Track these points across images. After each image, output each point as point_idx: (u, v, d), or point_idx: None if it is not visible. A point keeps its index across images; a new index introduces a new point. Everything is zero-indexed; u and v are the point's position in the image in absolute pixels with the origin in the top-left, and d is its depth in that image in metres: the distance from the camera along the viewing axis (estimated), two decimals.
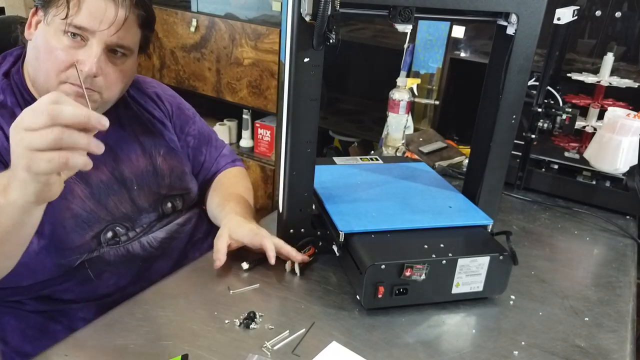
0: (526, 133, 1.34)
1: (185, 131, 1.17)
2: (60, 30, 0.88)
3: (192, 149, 1.18)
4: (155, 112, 1.11)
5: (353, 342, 0.80)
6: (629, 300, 0.98)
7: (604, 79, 1.41)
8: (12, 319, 0.96)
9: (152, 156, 1.07)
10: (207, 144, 1.22)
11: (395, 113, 1.59)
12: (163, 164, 1.08)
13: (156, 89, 1.16)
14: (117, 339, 0.77)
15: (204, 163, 1.20)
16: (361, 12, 0.84)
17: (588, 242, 1.19)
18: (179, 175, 1.10)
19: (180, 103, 1.20)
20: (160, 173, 1.07)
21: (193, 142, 1.18)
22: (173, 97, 1.19)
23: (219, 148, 1.25)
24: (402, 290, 0.85)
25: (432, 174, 1.19)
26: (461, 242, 0.91)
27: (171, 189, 1.08)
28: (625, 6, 1.65)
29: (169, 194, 1.08)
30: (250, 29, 2.26)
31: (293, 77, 0.84)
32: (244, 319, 0.82)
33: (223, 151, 1.25)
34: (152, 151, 1.07)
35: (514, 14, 0.91)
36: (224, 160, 1.24)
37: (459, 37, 1.90)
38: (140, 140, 1.06)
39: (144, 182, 1.04)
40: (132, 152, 1.04)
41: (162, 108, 1.14)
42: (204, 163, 1.21)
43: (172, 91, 1.21)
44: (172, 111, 1.16)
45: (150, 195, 1.05)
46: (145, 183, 1.04)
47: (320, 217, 1.01)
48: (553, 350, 0.82)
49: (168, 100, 1.16)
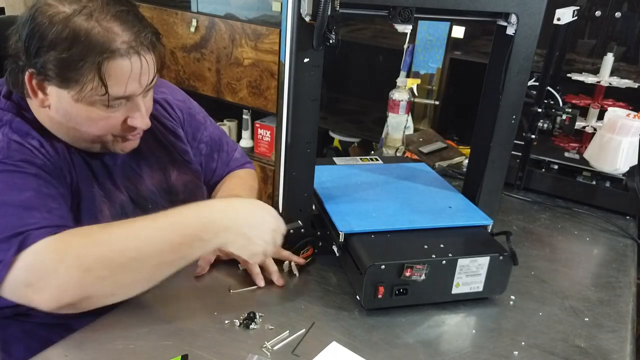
0: (526, 133, 1.34)
1: (197, 138, 1.15)
2: (98, 102, 0.85)
3: (204, 156, 1.16)
4: (168, 122, 1.09)
5: (353, 343, 0.80)
6: (629, 301, 0.98)
7: (604, 79, 1.41)
8: (17, 330, 0.94)
9: (167, 172, 1.05)
10: (219, 150, 1.20)
11: (395, 113, 1.59)
12: (177, 179, 1.07)
13: (166, 94, 1.13)
14: (117, 339, 0.77)
15: (215, 170, 1.19)
16: (361, 12, 0.84)
17: (588, 242, 1.19)
18: (192, 190, 1.09)
19: (190, 108, 1.17)
20: (174, 190, 1.06)
21: (205, 149, 1.17)
22: (183, 102, 1.16)
23: (230, 152, 1.23)
24: (402, 290, 0.85)
25: (432, 174, 1.19)
26: (461, 243, 0.91)
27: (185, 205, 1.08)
28: (625, 6, 1.65)
29: None
30: (250, 29, 2.26)
31: (293, 77, 0.84)
32: (244, 319, 0.82)
33: (235, 155, 1.23)
34: (167, 167, 1.06)
35: (514, 14, 0.91)
36: (234, 164, 1.23)
37: (458, 38, 1.90)
38: (155, 155, 1.04)
39: (158, 200, 1.03)
40: (146, 169, 1.03)
41: (173, 116, 1.11)
42: (216, 170, 1.19)
43: (181, 94, 1.18)
44: (184, 118, 1.13)
45: None
46: (160, 202, 1.03)
47: (320, 217, 1.01)
48: (553, 351, 0.82)
49: (179, 107, 1.13)
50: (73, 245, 0.76)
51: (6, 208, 0.78)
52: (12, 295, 0.77)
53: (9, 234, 0.75)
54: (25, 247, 0.75)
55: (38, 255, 0.75)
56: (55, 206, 0.82)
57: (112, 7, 0.84)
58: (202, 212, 0.82)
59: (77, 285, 0.75)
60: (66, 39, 0.80)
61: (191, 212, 0.82)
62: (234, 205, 0.85)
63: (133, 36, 0.84)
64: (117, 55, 0.82)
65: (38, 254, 0.75)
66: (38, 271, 0.75)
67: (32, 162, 0.84)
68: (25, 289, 0.76)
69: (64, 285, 0.75)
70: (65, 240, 0.77)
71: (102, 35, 0.81)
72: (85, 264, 0.75)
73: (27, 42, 0.82)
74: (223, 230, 0.81)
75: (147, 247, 0.78)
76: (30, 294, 0.76)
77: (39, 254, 0.75)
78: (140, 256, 0.77)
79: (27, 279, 0.75)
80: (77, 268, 0.75)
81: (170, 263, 0.79)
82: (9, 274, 0.74)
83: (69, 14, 0.81)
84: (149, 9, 2.49)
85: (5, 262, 0.74)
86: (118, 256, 0.77)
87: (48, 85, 0.84)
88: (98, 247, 0.77)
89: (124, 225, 0.80)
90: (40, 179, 0.83)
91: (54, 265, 0.75)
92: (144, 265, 0.78)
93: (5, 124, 0.86)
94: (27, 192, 0.80)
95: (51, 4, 0.82)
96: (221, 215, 0.82)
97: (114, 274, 0.77)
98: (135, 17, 0.86)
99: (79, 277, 0.75)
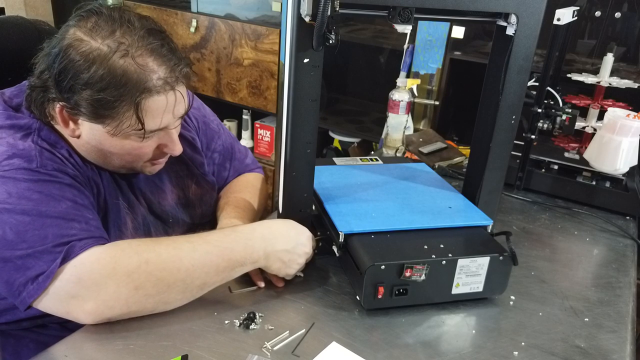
0: (526, 133, 1.34)
1: (211, 148, 1.15)
2: (133, 135, 0.86)
3: (217, 165, 1.16)
4: (186, 134, 1.07)
5: (353, 343, 0.80)
6: (629, 301, 0.98)
7: (603, 80, 1.41)
8: (32, 342, 0.93)
9: (185, 186, 1.06)
10: (231, 159, 1.20)
11: (395, 113, 1.59)
12: (195, 193, 1.07)
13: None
14: (117, 339, 0.77)
15: (227, 179, 1.19)
16: (361, 12, 0.84)
17: (588, 242, 1.19)
18: (209, 202, 1.10)
19: (205, 116, 1.16)
20: (192, 204, 1.07)
21: (218, 158, 1.17)
22: (198, 110, 1.15)
23: (242, 159, 1.23)
24: (402, 290, 0.85)
25: (432, 174, 1.19)
26: (461, 243, 0.91)
27: (203, 217, 1.09)
28: (625, 7, 1.66)
29: (200, 222, 1.08)
30: (250, 30, 2.26)
31: (293, 77, 0.84)
32: (244, 319, 0.82)
33: (246, 161, 1.23)
34: (185, 181, 1.06)
35: (514, 14, 0.91)
36: (244, 170, 1.23)
37: (458, 38, 1.90)
38: (174, 170, 1.04)
39: (178, 214, 1.04)
40: (167, 184, 1.03)
41: (190, 125, 1.10)
42: (227, 179, 1.19)
43: (196, 100, 1.15)
44: (199, 127, 1.13)
45: (183, 227, 1.05)
46: (179, 215, 1.04)
47: (320, 217, 1.01)
48: (553, 351, 0.82)
49: (194, 115, 1.13)
50: (123, 261, 0.77)
51: (45, 219, 0.77)
52: (53, 306, 0.77)
53: (52, 244, 0.75)
54: (70, 258, 0.75)
55: (86, 268, 0.75)
56: (91, 217, 0.82)
57: (147, 41, 0.82)
58: (247, 239, 0.85)
59: (123, 301, 0.77)
60: (102, 79, 0.79)
61: (237, 237, 0.85)
62: (273, 231, 0.88)
63: (169, 71, 0.83)
64: (153, 93, 0.82)
65: (86, 266, 0.75)
66: (86, 284, 0.75)
67: (65, 172, 0.83)
68: (70, 300, 0.76)
69: (111, 300, 0.76)
70: (115, 255, 0.77)
71: (139, 74, 0.80)
72: (135, 281, 0.77)
73: (59, 77, 0.81)
74: (263, 258, 0.86)
75: (195, 270, 0.80)
76: (74, 306, 0.76)
77: (87, 266, 0.75)
78: (189, 277, 0.80)
79: (73, 290, 0.75)
80: (126, 285, 0.76)
81: (212, 284, 0.84)
82: (52, 285, 0.74)
83: (105, 52, 0.79)
84: (149, 9, 2.50)
85: (48, 272, 0.74)
86: (168, 276, 0.78)
87: (80, 118, 0.84)
88: (148, 266, 0.77)
89: (171, 245, 0.81)
90: (75, 189, 0.83)
91: (104, 280, 0.75)
92: (190, 286, 0.81)
93: (34, 132, 0.85)
94: (65, 202, 0.80)
95: (83, 39, 0.80)
96: (262, 242, 0.86)
97: (160, 292, 0.79)
98: (169, 50, 0.85)
99: (128, 293, 0.77)
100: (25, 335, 0.93)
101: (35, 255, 0.75)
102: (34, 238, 0.75)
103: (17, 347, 0.93)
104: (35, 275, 0.74)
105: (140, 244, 0.80)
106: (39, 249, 0.75)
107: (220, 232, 0.87)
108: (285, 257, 0.87)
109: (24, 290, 0.75)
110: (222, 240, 0.84)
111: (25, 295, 0.75)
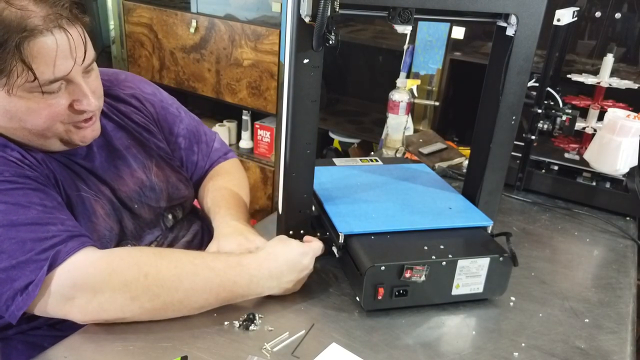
0: (526, 134, 1.34)
1: (174, 133, 1.12)
2: (32, 91, 0.78)
3: (184, 150, 1.14)
4: (139, 119, 1.05)
5: (353, 344, 0.80)
6: (629, 302, 0.98)
7: (603, 80, 1.41)
8: (20, 343, 0.91)
9: (146, 170, 1.03)
10: (198, 141, 1.17)
11: (395, 114, 1.59)
12: (158, 176, 1.04)
13: (133, 90, 1.08)
14: (116, 340, 0.77)
15: (197, 162, 1.16)
16: (361, 13, 0.84)
17: (588, 243, 1.19)
18: (175, 184, 1.07)
19: (162, 100, 1.12)
20: (158, 187, 1.03)
21: (184, 142, 1.13)
22: (153, 95, 1.11)
23: (210, 142, 1.19)
24: (402, 291, 0.85)
25: (432, 175, 1.19)
26: (461, 244, 0.91)
27: (170, 200, 1.06)
28: (625, 7, 1.65)
29: (169, 205, 1.06)
30: (249, 30, 2.26)
31: (293, 78, 0.83)
32: (244, 320, 0.82)
33: (214, 145, 1.20)
34: (145, 164, 1.03)
35: (514, 15, 0.91)
36: (216, 155, 1.20)
37: (458, 38, 1.90)
38: (132, 154, 1.01)
39: (143, 199, 1.01)
40: (125, 170, 0.99)
41: (144, 112, 1.07)
42: (198, 162, 1.16)
43: (150, 86, 1.12)
44: (156, 113, 1.09)
45: (150, 211, 1.02)
46: (144, 200, 1.01)
47: (319, 218, 1.01)
48: (553, 352, 0.82)
49: (149, 101, 1.09)
50: (121, 271, 0.76)
51: (18, 227, 0.75)
52: (47, 309, 0.76)
53: (34, 252, 0.74)
54: (58, 264, 0.74)
55: (81, 272, 0.75)
56: (65, 217, 0.81)
57: None
58: (252, 275, 0.84)
59: (118, 309, 0.77)
60: None
61: (242, 272, 0.84)
62: (279, 265, 0.86)
63: (50, 9, 0.77)
64: (36, 34, 0.75)
65: (80, 270, 0.75)
66: (82, 287, 0.75)
67: (26, 176, 0.80)
68: (65, 303, 0.75)
69: (107, 305, 0.76)
70: (112, 262, 0.77)
71: (16, 15, 0.74)
72: (132, 292, 0.76)
73: None
74: (268, 290, 0.86)
75: (195, 293, 0.80)
76: (69, 308, 0.76)
77: (82, 271, 0.75)
78: (187, 299, 0.80)
79: (69, 293, 0.75)
80: (123, 293, 0.76)
81: (210, 307, 0.83)
82: (45, 291, 0.74)
83: None
84: (149, 9, 2.50)
85: (37, 281, 0.73)
86: (165, 294, 0.78)
87: None
88: (147, 280, 0.77)
89: (173, 263, 0.80)
90: (40, 192, 0.80)
91: (99, 285, 0.75)
92: (187, 307, 0.81)
93: None
94: (34, 207, 0.77)
95: None
96: (269, 279, 0.85)
97: (155, 308, 0.79)
98: None
99: (123, 302, 0.76)
100: (14, 337, 0.92)
101: (19, 266, 0.73)
102: (12, 248, 0.73)
103: (5, 349, 0.92)
104: (23, 286, 0.73)
105: (142, 256, 0.80)
106: (21, 259, 0.73)
107: (225, 260, 0.84)
108: (291, 284, 0.87)
109: (12, 304, 0.74)
110: (226, 272, 0.82)
111: (14, 309, 0.74)
